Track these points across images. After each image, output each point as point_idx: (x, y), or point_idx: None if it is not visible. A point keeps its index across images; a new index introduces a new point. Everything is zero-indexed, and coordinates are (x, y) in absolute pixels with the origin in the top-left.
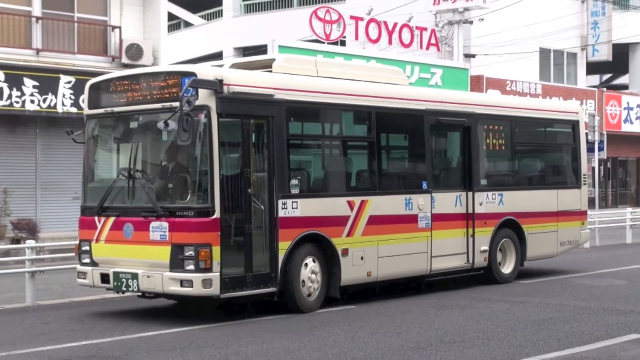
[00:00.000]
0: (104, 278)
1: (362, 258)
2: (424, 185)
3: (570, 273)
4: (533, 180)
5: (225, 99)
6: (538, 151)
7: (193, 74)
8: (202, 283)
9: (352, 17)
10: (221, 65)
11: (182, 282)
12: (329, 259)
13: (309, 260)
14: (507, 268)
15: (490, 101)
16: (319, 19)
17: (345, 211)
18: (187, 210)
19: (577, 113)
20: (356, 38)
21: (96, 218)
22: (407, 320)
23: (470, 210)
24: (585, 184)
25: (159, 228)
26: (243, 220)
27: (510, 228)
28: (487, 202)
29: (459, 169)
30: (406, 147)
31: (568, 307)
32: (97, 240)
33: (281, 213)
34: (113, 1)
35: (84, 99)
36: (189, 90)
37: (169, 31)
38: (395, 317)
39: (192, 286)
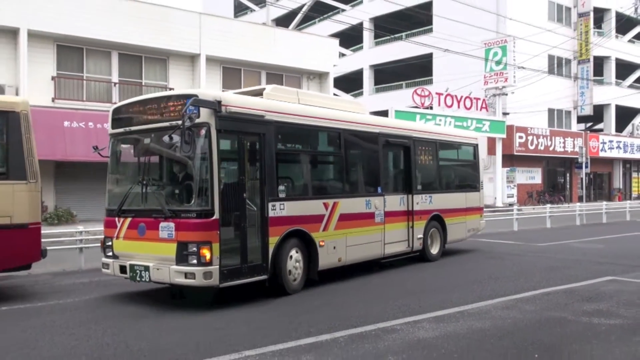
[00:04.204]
0: (122, 269)
1: (334, 247)
2: (379, 190)
3: (569, 240)
4: (450, 186)
5: (224, 117)
6: (453, 165)
7: (195, 95)
8: (204, 275)
9: (437, 93)
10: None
11: (186, 275)
12: (309, 250)
13: (293, 251)
14: (435, 249)
15: (422, 128)
16: (418, 94)
17: (321, 211)
18: (190, 212)
19: (476, 139)
20: (439, 105)
21: (116, 218)
22: (468, 266)
23: (410, 208)
24: (482, 189)
25: (166, 228)
26: (239, 220)
27: (437, 220)
28: (421, 202)
29: (403, 178)
30: (366, 160)
31: (568, 259)
32: (117, 237)
33: (271, 213)
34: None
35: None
36: (190, 108)
37: None
38: (461, 264)
39: (194, 278)
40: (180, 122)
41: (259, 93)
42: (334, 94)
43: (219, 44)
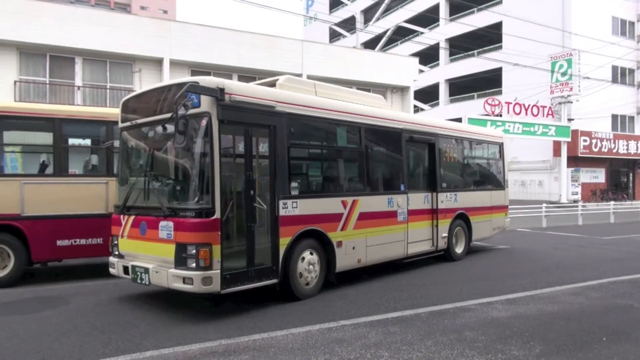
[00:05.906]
0: (125, 270)
1: (353, 248)
2: (402, 187)
3: (632, 234)
4: (475, 184)
5: (227, 106)
6: (478, 163)
7: (196, 83)
8: (202, 281)
9: (506, 102)
10: None
11: (184, 279)
12: (326, 250)
13: (307, 252)
14: (460, 248)
15: (446, 125)
16: (488, 104)
17: (339, 209)
18: (189, 211)
19: (501, 137)
20: (507, 113)
21: (122, 216)
22: (537, 255)
23: (435, 207)
24: (507, 187)
25: (165, 227)
26: (245, 220)
27: (462, 219)
28: (446, 200)
29: (427, 175)
30: (388, 156)
31: (632, 252)
32: (122, 236)
33: (282, 212)
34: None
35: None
36: (186, 94)
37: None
38: (533, 253)
39: (192, 284)
40: (181, 112)
41: (272, 84)
42: (414, 105)
43: (317, 65)
